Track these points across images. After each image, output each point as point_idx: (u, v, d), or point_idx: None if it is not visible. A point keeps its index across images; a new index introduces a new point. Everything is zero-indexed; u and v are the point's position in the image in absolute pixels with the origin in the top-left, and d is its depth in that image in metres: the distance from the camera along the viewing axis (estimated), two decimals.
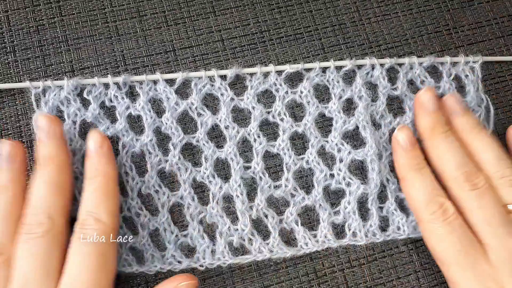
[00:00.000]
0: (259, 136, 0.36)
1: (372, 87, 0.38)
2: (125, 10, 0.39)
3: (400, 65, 0.38)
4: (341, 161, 0.36)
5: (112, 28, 0.38)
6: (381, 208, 0.36)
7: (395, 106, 0.38)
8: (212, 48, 0.39)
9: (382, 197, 0.36)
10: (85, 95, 0.35)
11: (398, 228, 0.36)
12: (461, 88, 0.39)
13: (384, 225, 0.36)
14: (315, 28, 0.40)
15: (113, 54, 0.38)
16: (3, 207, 0.30)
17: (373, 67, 0.38)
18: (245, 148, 0.36)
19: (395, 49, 0.40)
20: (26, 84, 0.35)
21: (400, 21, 0.41)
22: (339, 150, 0.36)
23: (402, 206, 0.36)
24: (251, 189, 0.36)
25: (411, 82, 0.38)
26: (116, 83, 0.36)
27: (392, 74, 0.38)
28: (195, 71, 0.37)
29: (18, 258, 0.29)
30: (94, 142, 0.32)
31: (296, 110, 0.38)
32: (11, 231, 0.30)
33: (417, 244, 0.36)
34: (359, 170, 0.37)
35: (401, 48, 0.40)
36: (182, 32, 0.39)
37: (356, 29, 0.40)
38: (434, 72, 0.39)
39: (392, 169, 0.37)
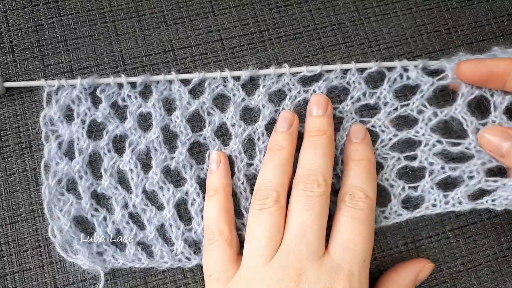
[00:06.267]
0: (263, 135, 0.36)
1: (401, 90, 0.38)
2: (124, 10, 0.39)
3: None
4: (343, 162, 0.36)
5: (111, 28, 0.38)
6: (414, 188, 0.35)
7: (436, 101, 0.37)
8: (211, 48, 0.39)
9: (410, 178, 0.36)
10: (98, 93, 0.35)
11: (434, 205, 0.34)
12: None
13: (409, 206, 0.35)
14: (314, 28, 0.40)
15: (112, 54, 0.38)
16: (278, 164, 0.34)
17: (405, 69, 0.37)
18: (249, 145, 0.36)
19: (394, 48, 0.40)
20: (41, 82, 0.35)
21: (400, 21, 0.41)
22: (342, 152, 0.36)
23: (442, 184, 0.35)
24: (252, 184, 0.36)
25: None
26: (130, 83, 0.36)
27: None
28: (194, 71, 0.37)
29: (297, 210, 0.31)
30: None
31: (304, 110, 0.37)
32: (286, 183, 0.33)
33: (417, 244, 0.36)
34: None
35: (401, 48, 0.40)
36: (181, 32, 0.39)
37: (355, 29, 0.40)
38: None
39: (435, 154, 0.35)
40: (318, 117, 0.35)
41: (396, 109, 0.37)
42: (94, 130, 0.36)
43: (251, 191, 0.35)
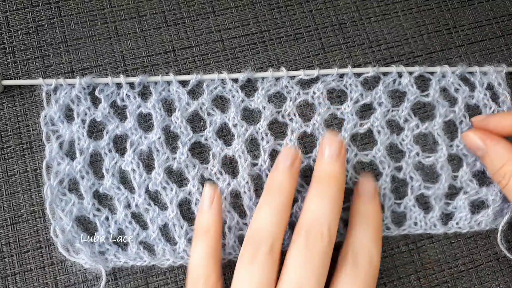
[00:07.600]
0: (266, 135, 0.36)
1: (394, 93, 0.38)
2: (125, 11, 0.39)
3: (432, 73, 0.38)
4: (348, 162, 0.36)
5: (111, 28, 0.38)
6: (398, 204, 0.36)
7: (421, 111, 0.38)
8: (212, 48, 0.39)
9: (399, 193, 0.37)
10: (96, 94, 0.35)
11: (415, 224, 0.36)
12: (494, 96, 0.38)
13: (400, 221, 0.36)
14: (315, 28, 0.40)
15: (112, 54, 0.38)
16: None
17: (399, 75, 0.38)
18: (253, 146, 0.36)
19: (395, 48, 0.40)
20: (38, 81, 0.35)
21: (400, 21, 0.41)
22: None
23: (422, 203, 0.37)
24: (258, 184, 0.36)
25: (443, 89, 0.38)
26: (129, 83, 0.36)
27: (419, 81, 0.38)
28: (195, 71, 0.38)
29: (294, 265, 0.29)
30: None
31: (305, 110, 0.37)
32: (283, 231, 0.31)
33: (418, 244, 0.36)
34: (365, 169, 0.37)
35: (401, 48, 0.40)
36: (182, 32, 0.39)
37: (356, 29, 0.40)
38: (463, 79, 0.38)
39: (417, 168, 0.37)
40: (330, 163, 0.32)
41: (389, 111, 0.37)
42: (95, 130, 0.36)
43: (255, 190, 0.35)
